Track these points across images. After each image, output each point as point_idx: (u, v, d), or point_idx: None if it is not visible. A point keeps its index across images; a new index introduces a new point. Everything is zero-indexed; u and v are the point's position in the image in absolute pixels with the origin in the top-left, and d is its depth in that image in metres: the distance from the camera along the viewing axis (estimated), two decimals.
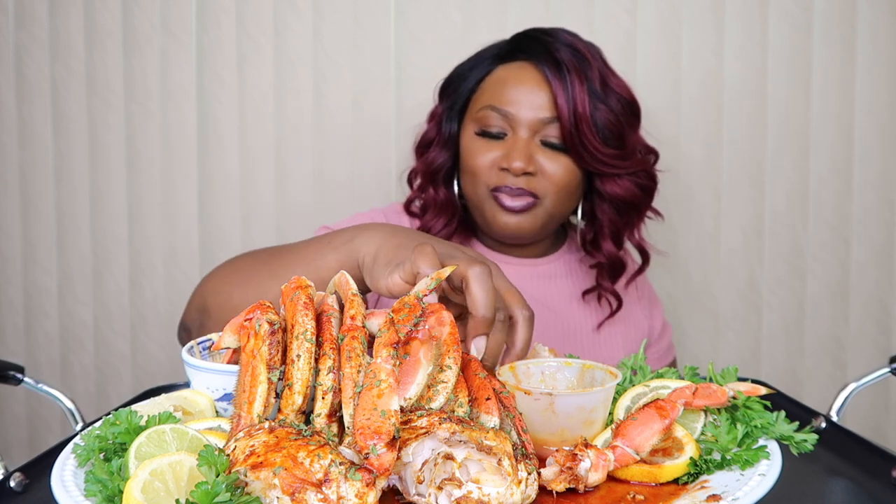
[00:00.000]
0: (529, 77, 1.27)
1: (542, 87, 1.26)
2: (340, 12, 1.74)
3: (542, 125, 1.26)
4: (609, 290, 1.38)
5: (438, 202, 1.36)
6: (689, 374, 0.91)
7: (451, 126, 1.36)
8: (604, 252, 1.36)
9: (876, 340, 1.79)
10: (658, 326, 1.49)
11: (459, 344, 0.75)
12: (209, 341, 0.90)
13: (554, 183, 1.27)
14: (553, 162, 1.26)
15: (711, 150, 1.75)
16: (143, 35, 1.75)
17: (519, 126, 1.26)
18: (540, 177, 1.26)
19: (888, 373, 1.11)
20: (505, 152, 1.26)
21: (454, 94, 1.36)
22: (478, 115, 1.30)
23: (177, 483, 0.62)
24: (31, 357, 1.83)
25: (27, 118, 1.78)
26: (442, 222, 1.36)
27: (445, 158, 1.36)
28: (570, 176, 1.28)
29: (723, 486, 0.70)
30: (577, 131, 1.23)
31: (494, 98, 1.28)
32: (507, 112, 1.26)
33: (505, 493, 0.63)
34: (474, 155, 1.29)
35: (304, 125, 1.76)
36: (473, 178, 1.30)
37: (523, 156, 1.24)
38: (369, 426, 0.60)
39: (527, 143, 1.26)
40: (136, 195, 1.79)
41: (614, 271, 1.37)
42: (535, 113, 1.25)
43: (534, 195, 1.26)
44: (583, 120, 1.23)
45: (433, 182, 1.37)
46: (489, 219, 1.30)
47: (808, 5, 1.72)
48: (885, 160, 1.75)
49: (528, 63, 1.29)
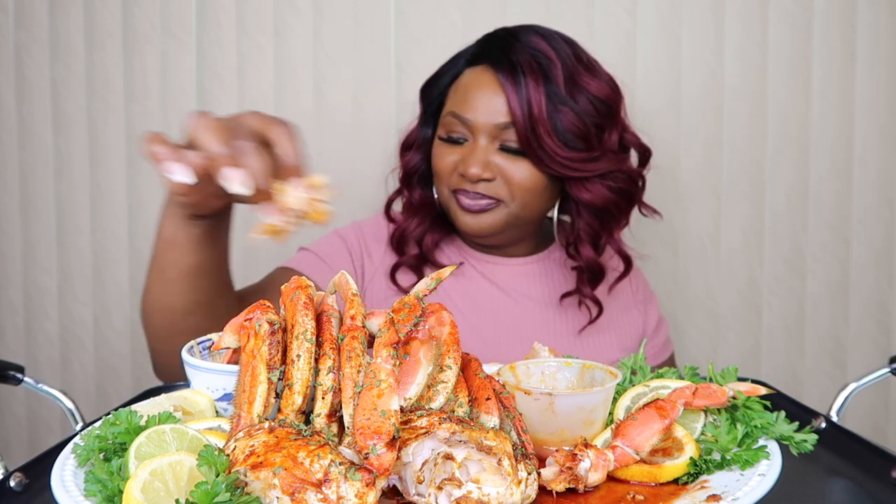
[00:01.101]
0: (487, 82, 1.27)
1: (498, 92, 1.25)
2: (340, 12, 1.74)
3: (499, 130, 1.25)
4: (588, 296, 1.35)
5: (413, 203, 1.39)
6: (689, 374, 0.91)
7: (426, 131, 1.38)
8: (583, 257, 1.34)
9: (876, 340, 1.79)
10: (653, 322, 1.47)
11: (459, 344, 0.75)
12: (209, 341, 0.90)
13: (515, 186, 1.26)
14: (513, 166, 1.26)
15: (711, 150, 1.75)
16: (143, 35, 1.75)
17: (478, 132, 1.26)
18: (500, 181, 1.26)
19: (888, 373, 1.11)
20: (463, 157, 1.27)
21: (429, 97, 1.39)
22: (444, 121, 1.32)
23: (177, 483, 0.62)
24: (31, 357, 1.83)
25: (27, 118, 1.78)
26: (416, 222, 1.38)
27: (419, 161, 1.38)
28: (532, 180, 1.26)
29: (723, 486, 0.70)
30: (534, 135, 1.22)
31: (457, 104, 1.29)
32: (466, 119, 1.27)
33: (505, 493, 0.63)
34: (437, 159, 1.32)
35: (304, 125, 1.75)
36: (438, 181, 1.33)
37: (479, 162, 1.25)
38: (369, 426, 0.60)
39: (484, 150, 1.26)
40: (136, 195, 1.79)
41: (594, 277, 1.35)
42: (492, 118, 1.25)
43: (495, 199, 1.27)
44: (539, 123, 1.22)
45: (409, 184, 1.40)
46: (453, 217, 1.32)
47: (808, 5, 1.72)
48: (885, 160, 1.75)
49: (488, 67, 1.28)
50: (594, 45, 1.73)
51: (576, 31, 1.73)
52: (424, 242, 1.38)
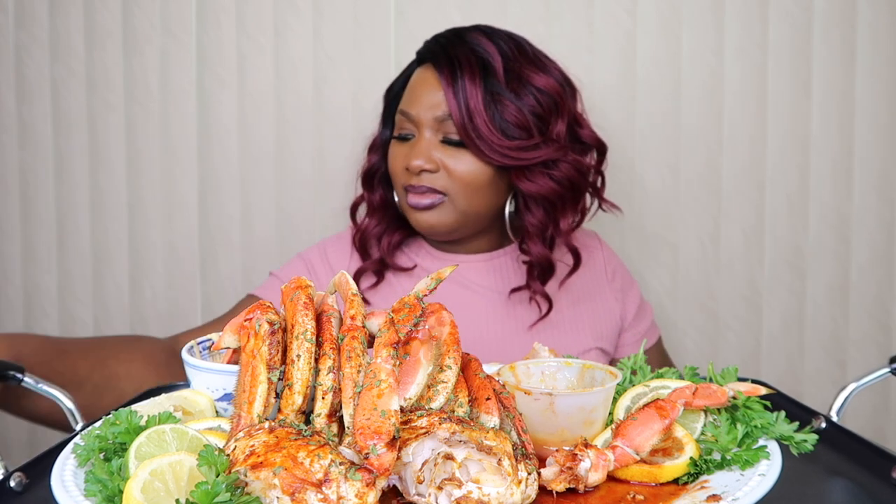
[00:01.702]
0: (428, 78, 1.32)
1: (438, 87, 1.30)
2: (340, 12, 1.74)
3: (438, 123, 1.29)
4: (539, 292, 1.35)
5: (373, 204, 1.43)
6: (689, 374, 0.91)
7: (385, 132, 1.43)
8: (531, 252, 1.34)
9: (876, 340, 1.79)
10: (633, 309, 1.48)
11: (459, 344, 0.75)
12: (209, 341, 0.90)
13: (458, 178, 1.29)
14: (454, 158, 1.29)
15: (711, 150, 1.75)
16: (143, 35, 1.75)
17: (421, 126, 1.31)
18: (443, 173, 1.30)
19: (888, 373, 1.11)
20: (407, 153, 1.32)
21: (388, 99, 1.44)
22: (396, 120, 1.37)
23: (177, 483, 0.62)
24: None
25: (27, 118, 1.78)
26: (374, 222, 1.43)
27: (377, 161, 1.43)
28: (474, 171, 1.29)
29: (723, 486, 0.70)
30: (472, 124, 1.26)
31: (404, 102, 1.35)
32: (410, 114, 1.32)
33: (505, 493, 0.63)
34: (390, 159, 1.37)
35: (304, 125, 1.76)
36: (393, 180, 1.37)
37: (420, 154, 1.29)
38: (369, 426, 0.60)
39: (427, 143, 1.30)
40: (136, 195, 1.79)
41: (543, 272, 1.35)
42: (431, 111, 1.30)
43: (440, 192, 1.30)
44: (476, 114, 1.26)
45: (369, 184, 1.44)
46: (407, 217, 1.36)
47: (808, 5, 1.72)
48: (885, 160, 1.75)
49: (430, 64, 1.34)
50: (594, 45, 1.73)
51: (576, 31, 1.74)
52: (382, 244, 1.42)
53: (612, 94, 1.74)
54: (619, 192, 1.74)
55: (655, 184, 1.76)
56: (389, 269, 1.43)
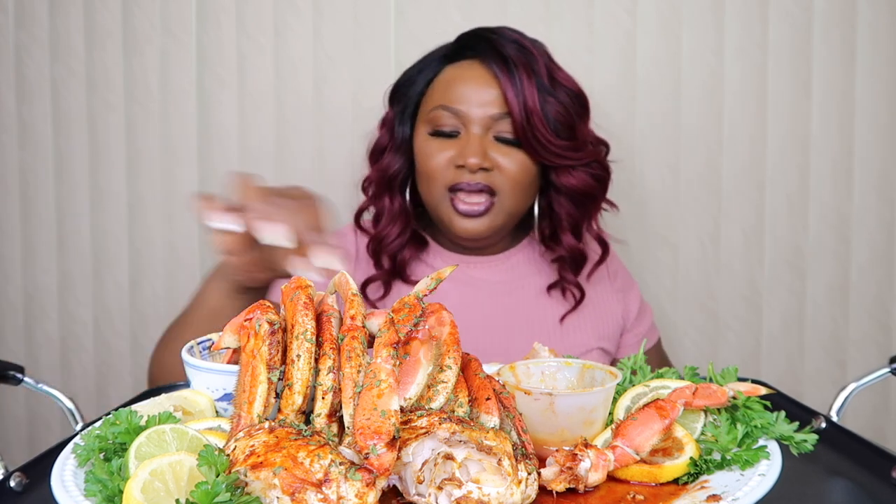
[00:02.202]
0: (478, 74, 1.29)
1: (492, 84, 1.27)
2: (340, 12, 1.74)
3: (493, 121, 1.27)
4: (573, 283, 1.39)
5: (394, 211, 1.37)
6: (689, 374, 0.91)
7: (404, 130, 1.37)
8: (564, 245, 1.36)
9: (876, 340, 1.79)
10: (634, 310, 1.48)
11: (459, 344, 0.75)
12: (209, 341, 0.90)
13: (510, 178, 1.28)
14: (508, 157, 1.28)
15: (711, 151, 1.75)
16: (143, 35, 1.75)
17: (471, 123, 1.27)
18: (496, 172, 1.28)
19: (888, 373, 1.11)
20: (459, 150, 1.27)
21: (404, 98, 1.38)
22: (429, 116, 1.30)
23: (177, 483, 0.62)
24: (31, 357, 1.83)
25: (27, 118, 1.78)
26: (397, 231, 1.36)
27: (401, 164, 1.37)
28: (525, 170, 1.29)
29: (723, 486, 0.70)
30: (529, 125, 1.25)
31: (445, 98, 1.29)
32: (458, 110, 1.27)
33: (505, 493, 0.63)
34: (429, 156, 1.30)
35: (304, 125, 1.76)
36: (429, 180, 1.30)
37: (478, 152, 1.25)
38: (369, 426, 0.60)
39: (481, 140, 1.27)
40: (136, 195, 1.79)
41: (576, 263, 1.38)
42: (486, 109, 1.27)
43: (491, 192, 1.28)
44: (534, 113, 1.25)
45: (389, 190, 1.37)
46: (447, 223, 1.31)
47: (808, 5, 1.72)
48: (885, 160, 1.75)
49: (475, 61, 1.30)
50: (594, 45, 1.73)
51: (576, 31, 1.74)
52: (400, 256, 1.36)
53: (613, 94, 1.74)
54: (619, 192, 1.74)
55: (655, 184, 1.76)
56: (398, 279, 1.38)
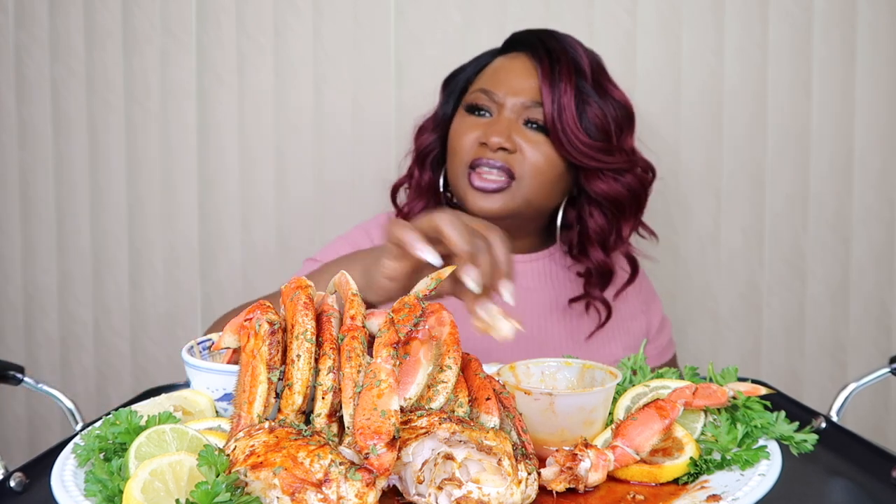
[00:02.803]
0: (521, 64, 1.32)
1: (532, 74, 1.30)
2: (340, 12, 1.74)
3: (524, 108, 1.29)
4: (598, 299, 1.36)
5: (422, 185, 1.40)
6: (689, 374, 0.91)
7: (446, 110, 1.40)
8: (591, 259, 1.35)
9: (876, 340, 1.79)
10: (656, 323, 1.48)
11: (459, 344, 0.75)
12: (209, 341, 0.90)
13: (532, 164, 1.28)
14: (533, 144, 1.28)
15: (711, 151, 1.75)
16: (143, 35, 1.75)
17: (503, 107, 1.30)
18: (519, 156, 1.28)
19: (888, 373, 1.11)
20: (486, 128, 1.29)
21: (453, 82, 1.42)
22: (469, 98, 1.34)
23: (177, 483, 0.62)
24: (31, 357, 1.83)
25: (27, 118, 1.78)
26: (420, 206, 1.39)
27: (434, 140, 1.40)
28: (549, 161, 1.28)
29: (723, 486, 0.70)
30: (559, 117, 1.26)
31: (487, 82, 1.33)
32: (495, 94, 1.30)
33: (505, 493, 0.63)
34: (459, 133, 1.32)
35: (304, 125, 1.76)
36: (454, 156, 1.32)
37: (503, 131, 1.27)
38: (369, 426, 0.60)
39: (508, 122, 1.29)
40: (136, 195, 1.79)
41: (603, 279, 1.36)
42: (521, 95, 1.29)
43: (510, 174, 1.27)
44: (566, 108, 1.26)
45: (421, 165, 1.41)
46: (463, 198, 1.31)
47: (808, 5, 1.72)
48: (885, 160, 1.75)
49: (523, 54, 1.34)
50: (594, 45, 1.73)
51: (576, 31, 1.73)
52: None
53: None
54: None
55: (655, 184, 1.75)
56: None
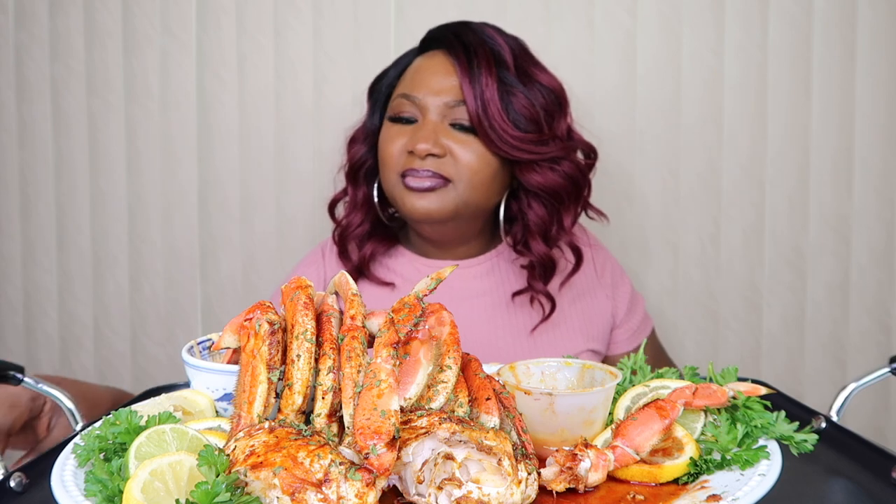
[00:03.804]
0: (439, 63, 1.29)
1: (451, 72, 1.27)
2: (340, 12, 1.74)
3: (448, 109, 1.26)
4: (541, 292, 1.33)
5: (357, 200, 1.38)
6: (689, 374, 0.91)
7: (373, 121, 1.38)
8: (534, 251, 1.32)
9: (876, 340, 1.79)
10: (624, 306, 1.44)
11: (459, 344, 0.75)
12: (209, 341, 0.90)
13: (464, 166, 1.25)
14: (462, 145, 1.26)
15: (711, 150, 1.75)
16: (143, 35, 1.75)
17: (427, 111, 1.27)
18: (450, 159, 1.26)
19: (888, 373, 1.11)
20: (412, 136, 1.27)
21: (377, 90, 1.39)
22: (392, 105, 1.32)
23: (177, 483, 0.62)
24: (31, 357, 1.83)
25: (27, 118, 1.78)
26: (358, 219, 1.38)
27: (365, 152, 1.38)
28: (481, 160, 1.26)
29: (723, 486, 0.70)
30: (485, 113, 1.24)
31: (407, 86, 1.30)
32: (416, 98, 1.28)
33: (505, 493, 0.63)
34: (386, 142, 1.30)
35: (304, 125, 1.76)
36: (385, 167, 1.30)
37: (428, 137, 1.24)
38: (369, 426, 0.60)
39: (434, 126, 1.26)
40: (136, 195, 1.79)
41: (545, 271, 1.33)
42: (442, 97, 1.26)
43: (443, 178, 1.25)
44: (490, 102, 1.24)
45: (354, 179, 1.39)
46: (400, 204, 1.29)
47: (808, 5, 1.72)
48: (885, 160, 1.75)
49: (439, 52, 1.31)
50: (594, 45, 1.73)
51: (576, 31, 1.74)
52: (363, 250, 1.37)
53: (613, 94, 1.74)
54: (618, 192, 1.74)
55: (655, 184, 1.76)
56: (367, 278, 1.38)
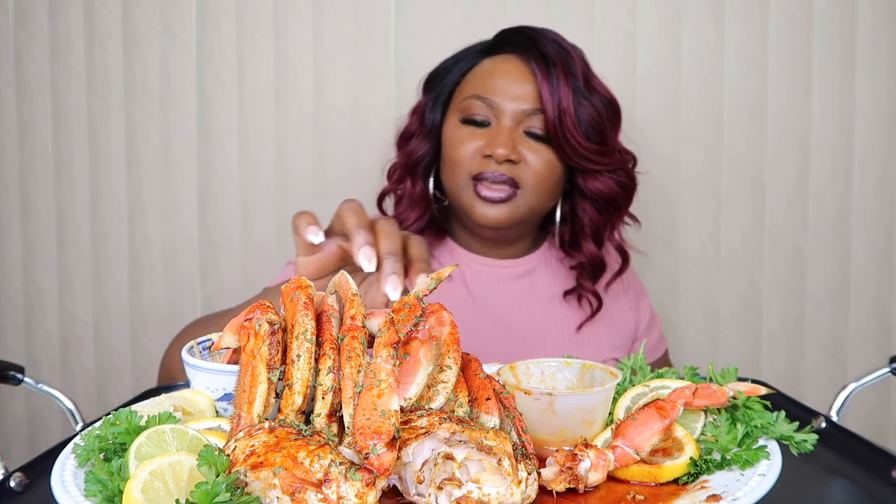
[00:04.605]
0: (515, 69, 1.29)
1: (528, 79, 1.27)
2: (340, 12, 1.74)
3: (525, 116, 1.27)
4: (590, 291, 1.38)
5: (414, 195, 1.37)
6: (689, 374, 0.91)
7: (434, 116, 1.37)
8: (584, 252, 1.36)
9: (876, 340, 1.79)
10: (645, 319, 1.48)
11: (459, 344, 0.75)
12: (209, 341, 0.90)
13: (535, 173, 1.27)
14: (535, 153, 1.27)
15: (711, 150, 1.75)
16: (143, 35, 1.75)
17: (503, 115, 1.27)
18: (522, 165, 1.27)
19: (888, 373, 1.11)
20: (489, 140, 1.27)
21: (438, 86, 1.38)
22: (462, 105, 1.31)
23: (177, 483, 0.62)
24: (31, 357, 1.83)
25: (27, 118, 1.78)
26: (415, 215, 1.37)
27: (426, 150, 1.37)
28: (551, 168, 1.28)
29: (723, 486, 0.70)
30: (561, 124, 1.25)
31: (479, 88, 1.30)
32: (492, 101, 1.27)
33: (505, 493, 0.63)
34: (457, 143, 1.29)
35: (304, 125, 1.76)
36: (454, 167, 1.30)
37: (507, 143, 1.25)
38: (369, 426, 0.60)
39: (511, 132, 1.27)
40: (136, 195, 1.79)
41: (595, 271, 1.37)
42: (519, 104, 1.27)
43: (515, 184, 1.27)
44: (566, 114, 1.25)
45: (412, 174, 1.38)
46: (467, 209, 1.30)
47: (808, 5, 1.72)
48: (885, 160, 1.75)
49: (514, 56, 1.31)
50: (594, 45, 1.73)
51: (576, 31, 1.74)
52: None
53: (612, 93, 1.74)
54: None
55: (655, 184, 1.76)
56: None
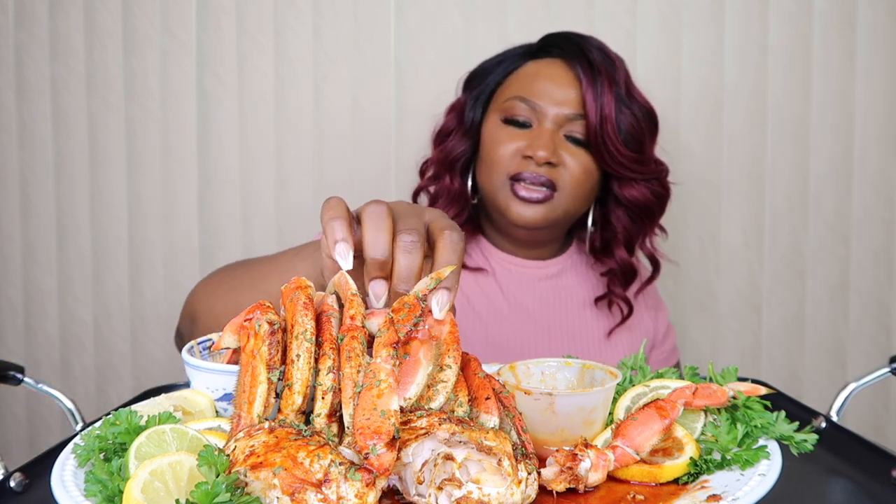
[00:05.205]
0: (560, 73, 1.30)
1: (572, 84, 1.29)
2: (340, 12, 1.74)
3: (566, 120, 1.28)
4: (621, 297, 1.39)
5: (452, 192, 1.37)
6: (689, 374, 0.91)
7: (474, 115, 1.37)
8: (616, 259, 1.37)
9: (876, 340, 1.79)
10: (662, 329, 1.49)
11: (459, 343, 0.75)
12: (209, 341, 0.90)
13: (573, 177, 1.28)
14: (574, 157, 1.28)
15: (711, 150, 1.75)
16: (143, 35, 1.75)
17: (545, 118, 1.28)
18: (561, 168, 1.28)
19: (888, 373, 1.11)
20: (530, 141, 1.28)
21: (480, 85, 1.38)
22: (504, 105, 1.31)
23: (177, 483, 0.62)
24: (31, 357, 1.83)
25: (27, 118, 1.78)
26: (453, 212, 1.36)
27: (465, 147, 1.37)
28: (588, 173, 1.30)
29: (723, 486, 0.70)
30: (602, 131, 1.26)
31: (523, 89, 1.31)
32: (535, 103, 1.28)
33: (505, 493, 0.63)
34: (497, 143, 1.30)
35: (304, 125, 1.76)
36: (492, 167, 1.30)
37: (548, 145, 1.26)
38: (369, 426, 0.60)
39: (552, 135, 1.28)
40: (136, 195, 1.79)
41: (626, 278, 1.39)
42: (562, 108, 1.28)
43: (552, 186, 1.27)
44: (608, 121, 1.26)
45: (450, 171, 1.38)
46: (503, 208, 1.30)
47: (808, 5, 1.72)
48: (885, 160, 1.75)
49: (559, 60, 1.32)
50: None
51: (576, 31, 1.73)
52: None
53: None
54: None
55: None
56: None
